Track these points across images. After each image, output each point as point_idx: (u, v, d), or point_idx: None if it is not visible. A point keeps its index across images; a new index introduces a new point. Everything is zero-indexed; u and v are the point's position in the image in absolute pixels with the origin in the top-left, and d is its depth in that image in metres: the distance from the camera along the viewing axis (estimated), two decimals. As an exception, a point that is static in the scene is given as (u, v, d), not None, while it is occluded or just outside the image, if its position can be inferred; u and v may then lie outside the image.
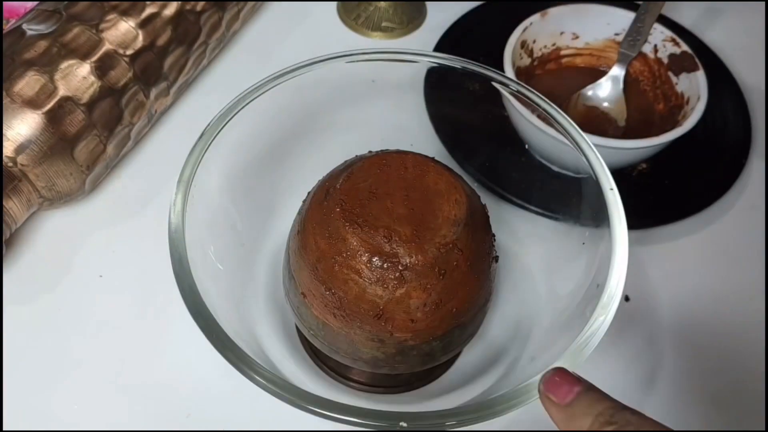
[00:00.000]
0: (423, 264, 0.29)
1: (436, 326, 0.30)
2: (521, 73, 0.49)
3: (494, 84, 0.37)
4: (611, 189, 0.33)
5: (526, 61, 0.50)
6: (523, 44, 0.49)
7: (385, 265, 0.28)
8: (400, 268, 0.28)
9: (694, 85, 0.47)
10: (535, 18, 0.50)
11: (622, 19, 0.51)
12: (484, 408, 0.27)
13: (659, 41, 0.50)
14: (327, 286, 0.30)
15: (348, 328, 0.30)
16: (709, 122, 0.49)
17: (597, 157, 0.34)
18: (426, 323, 0.30)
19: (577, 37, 0.52)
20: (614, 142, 0.43)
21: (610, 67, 0.51)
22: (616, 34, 0.51)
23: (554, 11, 0.50)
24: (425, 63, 0.38)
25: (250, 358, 0.28)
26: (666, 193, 0.47)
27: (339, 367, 0.38)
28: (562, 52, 0.52)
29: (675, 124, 0.45)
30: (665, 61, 0.49)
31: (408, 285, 0.29)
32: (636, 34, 0.50)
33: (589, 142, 0.34)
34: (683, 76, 0.48)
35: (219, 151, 0.34)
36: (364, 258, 0.29)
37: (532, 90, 0.37)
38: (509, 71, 0.46)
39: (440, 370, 0.38)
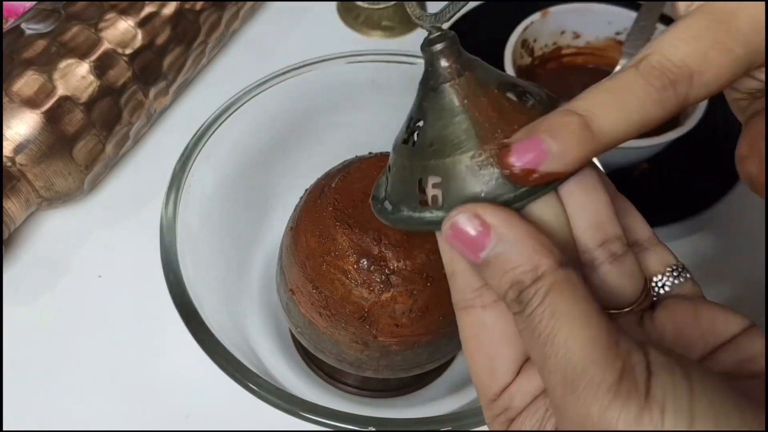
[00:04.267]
0: (411, 269, 0.28)
1: (421, 333, 0.29)
2: (522, 73, 0.49)
3: None
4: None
5: (527, 60, 0.50)
6: (524, 43, 0.49)
7: (372, 268, 0.28)
8: (386, 271, 0.28)
9: (696, 85, 0.46)
10: (535, 17, 0.49)
11: (623, 18, 0.50)
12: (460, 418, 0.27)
13: (660, 40, 0.49)
14: (314, 284, 0.30)
15: (333, 329, 0.30)
16: (711, 122, 0.49)
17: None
18: (411, 329, 0.29)
19: (578, 36, 0.52)
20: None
21: (611, 66, 0.51)
22: (618, 33, 0.51)
23: (555, 10, 0.50)
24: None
25: (230, 352, 0.28)
26: (667, 193, 0.47)
27: (329, 368, 0.37)
28: (563, 52, 0.52)
29: (676, 124, 0.45)
30: (666, 60, 0.49)
31: (394, 289, 0.28)
32: (639, 33, 0.49)
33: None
34: (685, 75, 0.48)
35: (215, 149, 0.34)
36: (351, 259, 0.28)
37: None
38: (510, 71, 0.46)
39: (432, 375, 0.38)
